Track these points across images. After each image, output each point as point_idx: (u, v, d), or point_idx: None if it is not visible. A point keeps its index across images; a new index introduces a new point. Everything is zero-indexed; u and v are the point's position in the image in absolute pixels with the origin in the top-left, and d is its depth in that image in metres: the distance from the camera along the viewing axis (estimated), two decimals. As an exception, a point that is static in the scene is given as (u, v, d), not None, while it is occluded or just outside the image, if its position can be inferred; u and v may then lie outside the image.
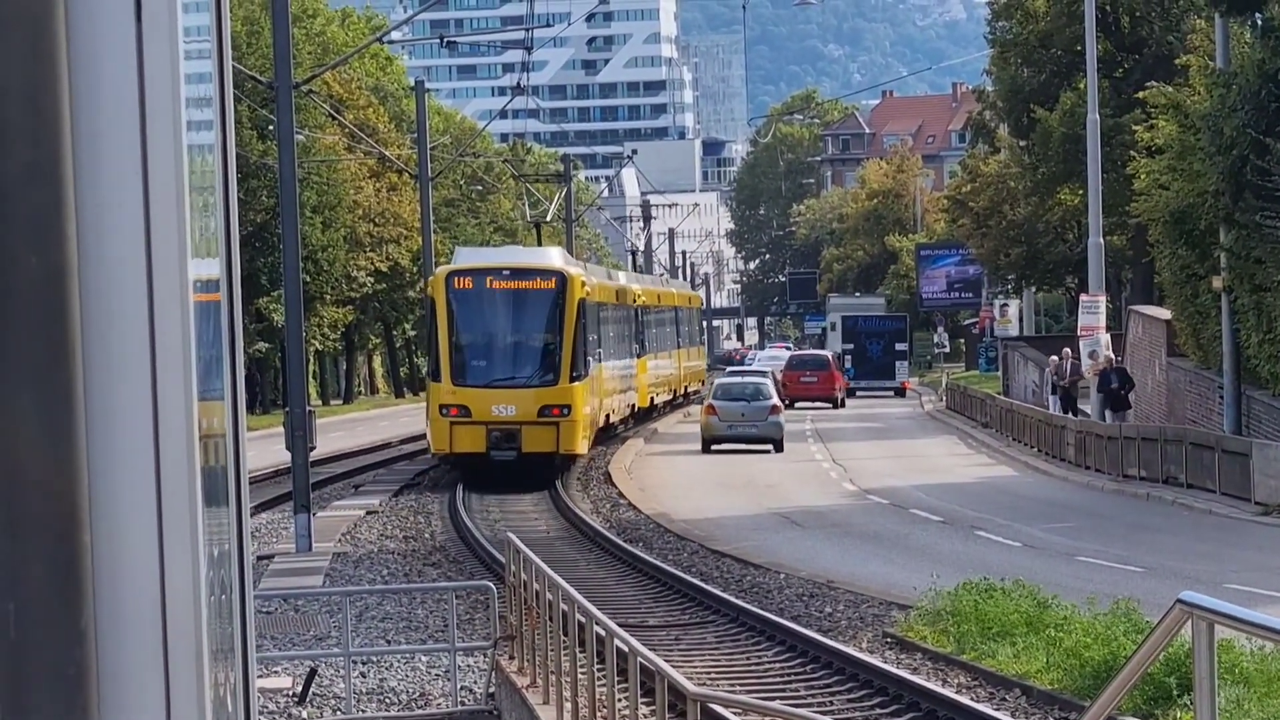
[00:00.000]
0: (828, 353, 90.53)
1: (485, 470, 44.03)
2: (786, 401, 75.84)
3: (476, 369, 44.50)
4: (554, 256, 48.39)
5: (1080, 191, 62.34)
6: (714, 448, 54.22)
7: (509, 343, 45.05)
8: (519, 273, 45.56)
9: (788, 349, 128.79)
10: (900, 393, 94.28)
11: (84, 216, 2.77)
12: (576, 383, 44.79)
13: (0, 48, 2.67)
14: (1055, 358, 56.15)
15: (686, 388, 79.17)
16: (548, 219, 73.89)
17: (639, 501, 40.61)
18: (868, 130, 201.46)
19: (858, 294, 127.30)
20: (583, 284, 46.08)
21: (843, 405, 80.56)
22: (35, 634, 2.68)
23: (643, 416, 65.21)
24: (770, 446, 54.20)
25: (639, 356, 61.85)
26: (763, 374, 65.22)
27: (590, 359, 46.56)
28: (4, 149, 2.67)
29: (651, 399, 66.27)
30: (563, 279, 45.14)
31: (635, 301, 61.67)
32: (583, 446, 46.42)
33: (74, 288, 2.72)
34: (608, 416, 53.47)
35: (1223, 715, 15.86)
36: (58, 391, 2.70)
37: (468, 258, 48.46)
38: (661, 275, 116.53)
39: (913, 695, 18.69)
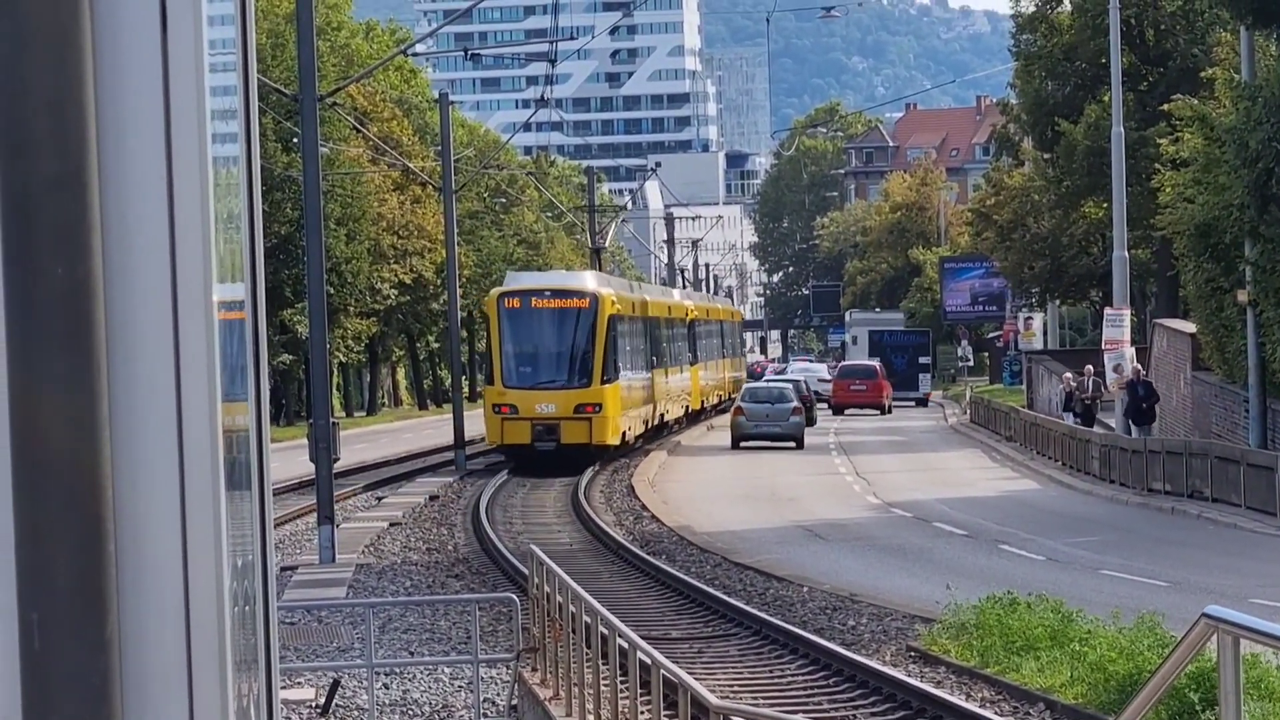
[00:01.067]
0: (875, 363, 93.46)
1: (530, 459, 51.52)
2: (835, 409, 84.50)
3: (523, 374, 52.47)
4: (588, 279, 55.84)
5: (1105, 205, 62.22)
6: (742, 444, 60.30)
7: (550, 352, 52.87)
8: (558, 293, 53.69)
9: (810, 362, 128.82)
10: (923, 402, 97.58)
11: (109, 227, 2.77)
12: (607, 385, 52.51)
13: (25, 58, 2.67)
14: (1070, 375, 55.83)
15: (731, 394, 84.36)
16: (605, 245, 79.96)
17: (661, 514, 40.58)
18: (891, 143, 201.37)
19: (877, 310, 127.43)
20: (613, 302, 53.56)
21: (889, 412, 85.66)
22: (59, 643, 2.68)
23: (694, 417, 73.99)
24: (793, 444, 60.13)
25: (692, 365, 71.71)
26: (788, 380, 69.61)
27: (621, 365, 54.12)
28: (29, 159, 2.68)
29: (703, 402, 76.23)
30: (595, 299, 52.89)
31: (688, 316, 71.67)
32: (613, 439, 53.17)
33: (99, 298, 2.72)
34: (662, 416, 63.18)
35: (1247, 730, 15.81)
36: (82, 401, 2.70)
37: (516, 280, 56.62)
38: (684, 288, 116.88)
39: (936, 709, 18.65)
